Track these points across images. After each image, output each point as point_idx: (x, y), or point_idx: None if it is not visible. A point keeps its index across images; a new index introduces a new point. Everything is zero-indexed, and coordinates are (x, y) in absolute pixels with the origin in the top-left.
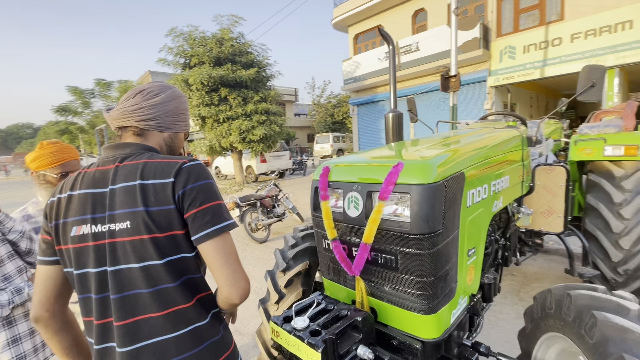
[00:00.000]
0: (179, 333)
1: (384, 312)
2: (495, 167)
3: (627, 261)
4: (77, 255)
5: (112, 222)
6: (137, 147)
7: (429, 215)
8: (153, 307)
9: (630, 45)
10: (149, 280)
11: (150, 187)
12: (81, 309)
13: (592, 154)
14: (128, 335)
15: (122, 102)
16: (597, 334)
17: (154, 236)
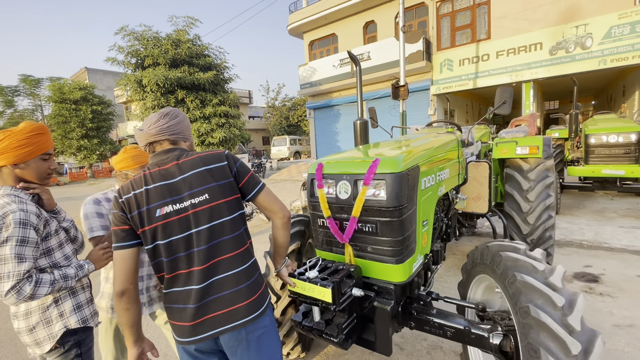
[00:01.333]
0: (245, 266)
1: (366, 268)
2: (439, 162)
3: (532, 233)
4: (163, 229)
5: (192, 198)
6: (180, 150)
7: (398, 194)
8: (229, 249)
9: (541, 63)
10: (225, 231)
11: (214, 169)
12: (167, 269)
13: (508, 153)
14: (210, 273)
15: (155, 124)
16: (514, 287)
17: (225, 200)
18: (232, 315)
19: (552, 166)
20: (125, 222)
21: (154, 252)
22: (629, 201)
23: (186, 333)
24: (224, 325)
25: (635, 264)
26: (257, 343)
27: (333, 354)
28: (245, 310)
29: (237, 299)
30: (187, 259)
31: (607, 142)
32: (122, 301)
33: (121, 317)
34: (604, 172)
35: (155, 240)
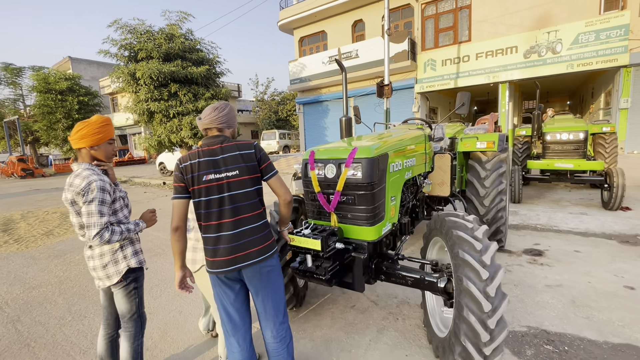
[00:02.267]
0: (260, 222)
1: (347, 230)
2: (406, 152)
3: (488, 213)
4: (207, 190)
5: (227, 172)
6: (224, 137)
7: (370, 174)
8: (249, 210)
9: (516, 65)
10: (248, 197)
11: (245, 154)
12: (203, 219)
13: (470, 147)
14: (239, 223)
15: (207, 116)
16: (452, 240)
17: (250, 177)
18: (250, 255)
19: (506, 158)
20: (182, 181)
21: (198, 205)
22: (583, 192)
23: (217, 266)
24: (244, 262)
25: (575, 242)
26: (267, 276)
27: (319, 308)
28: (259, 252)
29: (253, 244)
30: (218, 214)
31: (560, 139)
32: (176, 234)
33: (174, 246)
34: (556, 165)
35: (199, 197)
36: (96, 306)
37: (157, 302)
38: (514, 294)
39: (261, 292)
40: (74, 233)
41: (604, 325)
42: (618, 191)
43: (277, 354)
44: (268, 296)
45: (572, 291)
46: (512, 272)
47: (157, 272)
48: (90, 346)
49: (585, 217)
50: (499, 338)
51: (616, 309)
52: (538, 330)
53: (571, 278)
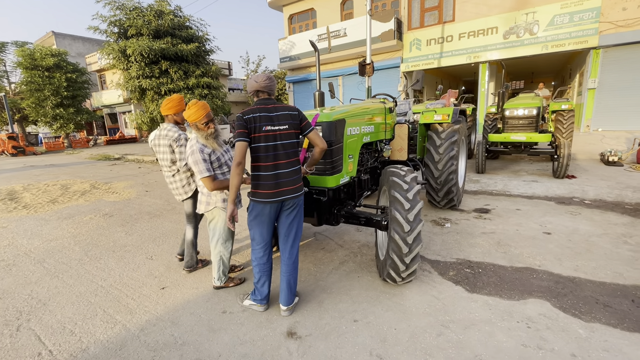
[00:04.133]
0: (299, 166)
1: (312, 179)
2: (363, 120)
3: (440, 176)
4: (266, 137)
5: (279, 125)
6: (274, 100)
7: (329, 134)
8: (292, 156)
9: (496, 46)
10: (292, 147)
11: (293, 114)
12: (262, 160)
13: (428, 119)
14: (288, 165)
15: (264, 81)
16: (389, 185)
17: (295, 131)
18: (296, 189)
19: (459, 129)
20: (246, 127)
21: (257, 149)
22: (542, 164)
23: (273, 196)
24: (292, 194)
25: (519, 203)
26: (300, 207)
27: None
28: (300, 188)
29: (297, 181)
30: (274, 156)
31: (516, 114)
32: (238, 168)
33: (233, 179)
34: (512, 137)
35: (259, 142)
36: (109, 252)
37: (160, 248)
38: (454, 239)
39: (294, 220)
40: (77, 201)
41: (514, 257)
42: (564, 161)
43: (289, 270)
44: (295, 224)
45: (500, 236)
46: (458, 224)
47: (157, 229)
48: (108, 277)
49: (535, 184)
50: (415, 250)
51: (529, 246)
52: (464, 261)
53: (504, 228)
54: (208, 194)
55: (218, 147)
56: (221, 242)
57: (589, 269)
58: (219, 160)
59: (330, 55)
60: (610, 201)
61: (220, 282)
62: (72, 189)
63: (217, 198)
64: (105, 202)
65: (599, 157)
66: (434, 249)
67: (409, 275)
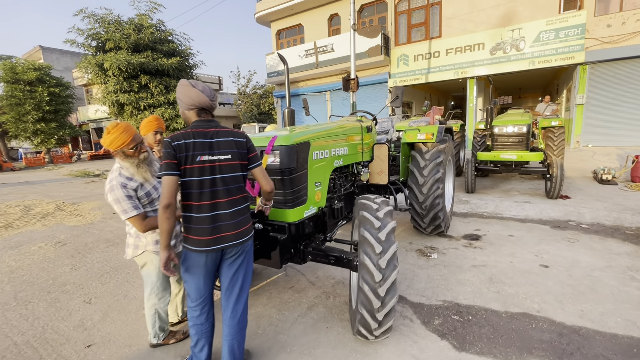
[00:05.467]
0: (245, 205)
1: (272, 213)
2: (335, 141)
3: (425, 201)
4: (201, 169)
5: (220, 155)
6: (216, 122)
7: (288, 160)
8: (237, 193)
9: (483, 61)
10: (236, 181)
11: (240, 141)
12: (194, 198)
13: (411, 138)
14: (230, 205)
15: (213, 97)
16: (358, 220)
17: (240, 162)
18: (240, 234)
19: (445, 149)
20: (174, 157)
21: (189, 184)
22: (534, 183)
23: (208, 244)
24: (234, 240)
25: (512, 228)
26: (246, 255)
27: (260, 290)
28: (245, 232)
29: (241, 224)
30: (211, 194)
31: (505, 132)
32: (166, 211)
33: (162, 224)
34: (502, 156)
35: (192, 176)
36: (44, 292)
37: (105, 288)
38: (441, 274)
39: (239, 270)
40: (34, 226)
41: (509, 299)
42: (557, 181)
43: (233, 333)
44: (240, 275)
45: (493, 270)
46: (446, 255)
47: (109, 261)
48: (29, 328)
49: (528, 205)
50: (389, 304)
51: (525, 284)
52: (451, 304)
53: (497, 259)
54: (136, 235)
55: (150, 178)
56: (156, 292)
57: (595, 315)
58: (149, 196)
59: (317, 71)
60: (609, 225)
61: (158, 339)
62: (34, 210)
63: (149, 240)
64: (64, 227)
65: (592, 174)
66: (418, 287)
67: (383, 333)
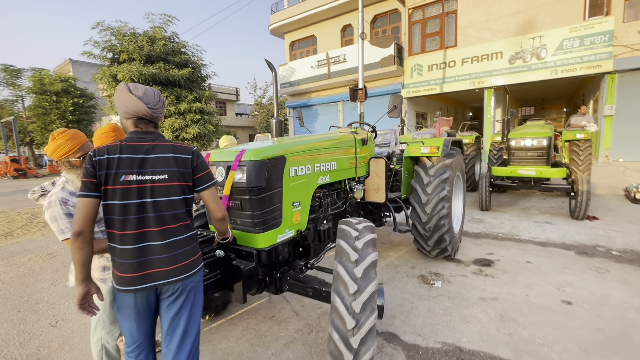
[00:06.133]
0: (187, 235)
1: (240, 237)
2: (318, 155)
3: (429, 221)
4: (125, 192)
5: (153, 174)
6: (157, 134)
7: (256, 177)
8: (174, 221)
9: (501, 71)
10: (172, 207)
11: (179, 158)
12: (116, 227)
13: (415, 152)
14: (164, 235)
15: (157, 104)
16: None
17: (180, 183)
18: (176, 271)
19: (452, 164)
20: (94, 176)
21: (110, 209)
22: (557, 200)
23: (133, 282)
24: (168, 278)
25: (531, 253)
26: (189, 294)
27: (238, 318)
28: (184, 268)
29: (178, 259)
30: (137, 222)
31: (523, 145)
32: (77, 241)
33: (75, 255)
34: (519, 172)
35: (113, 199)
36: (14, 311)
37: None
38: (443, 307)
39: (180, 312)
40: (34, 234)
41: (522, 343)
42: (583, 200)
43: None
44: (181, 318)
45: (505, 305)
46: (452, 283)
47: None
48: None
49: (549, 227)
50: (363, 358)
51: (543, 325)
52: (452, 347)
53: (510, 291)
54: None
55: None
56: (102, 325)
57: None
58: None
59: (329, 81)
60: None
61: None
62: (40, 218)
63: (94, 265)
64: None
65: (624, 192)
66: (415, 322)
67: None
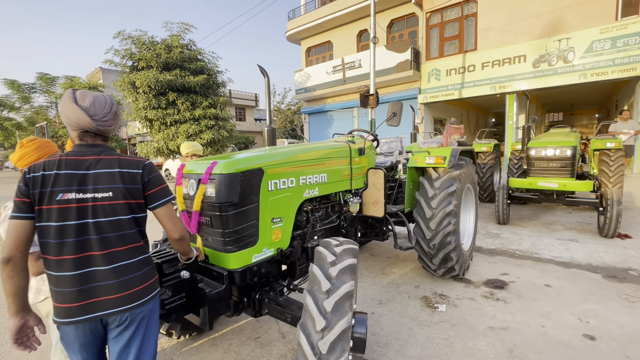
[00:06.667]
0: (137, 258)
1: (212, 256)
2: (304, 167)
3: (434, 238)
4: (62, 212)
5: (96, 192)
6: (103, 147)
7: (226, 192)
8: (121, 244)
9: (524, 75)
10: (118, 228)
11: (127, 173)
12: (51, 252)
13: (419, 162)
14: (108, 260)
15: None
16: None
17: (128, 201)
18: (123, 299)
19: (459, 175)
20: (27, 195)
21: (45, 231)
22: (584, 215)
23: (73, 313)
24: (113, 308)
25: (551, 275)
26: (140, 324)
27: (220, 338)
28: (134, 296)
29: (126, 286)
30: (76, 245)
31: (545, 155)
32: (7, 268)
33: (5, 285)
34: (539, 184)
35: (48, 221)
36: None
37: None
38: (444, 336)
39: (129, 345)
40: None
41: None
42: (613, 215)
43: None
44: (130, 352)
45: (516, 337)
46: (457, 307)
47: None
48: None
49: (574, 245)
50: None
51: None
52: None
53: (524, 320)
54: (42, 277)
55: None
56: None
57: None
58: None
59: (344, 87)
60: None
61: None
62: None
63: None
64: None
65: None
66: (410, 353)
67: None
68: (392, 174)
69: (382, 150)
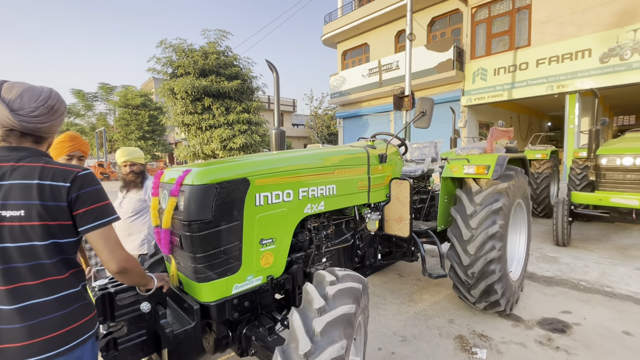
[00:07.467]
0: (57, 295)
1: (185, 283)
2: (307, 177)
3: (473, 265)
4: None
5: (3, 209)
6: (31, 151)
7: (196, 207)
8: (34, 277)
9: (589, 72)
10: (31, 256)
11: (48, 186)
12: None
13: (456, 172)
14: (14, 298)
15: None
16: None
17: (44, 223)
18: (29, 349)
19: (507, 189)
20: None
21: None
22: None
23: None
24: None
25: (630, 317)
26: None
27: None
28: (51, 343)
29: (35, 332)
30: None
31: (620, 165)
32: None
33: None
34: (612, 200)
35: None
36: None
37: None
38: None
39: None
40: None
41: None
42: None
43: None
44: None
45: None
46: (502, 354)
47: None
48: None
49: None
50: None
51: None
52: None
53: None
54: None
55: None
56: None
57: None
58: None
59: (380, 90)
60: None
61: None
62: None
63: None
64: None
65: None
66: None
67: None
68: (424, 185)
69: (412, 157)
